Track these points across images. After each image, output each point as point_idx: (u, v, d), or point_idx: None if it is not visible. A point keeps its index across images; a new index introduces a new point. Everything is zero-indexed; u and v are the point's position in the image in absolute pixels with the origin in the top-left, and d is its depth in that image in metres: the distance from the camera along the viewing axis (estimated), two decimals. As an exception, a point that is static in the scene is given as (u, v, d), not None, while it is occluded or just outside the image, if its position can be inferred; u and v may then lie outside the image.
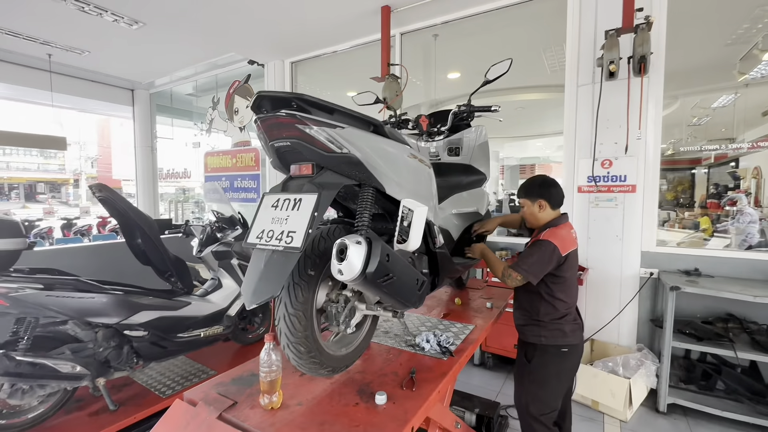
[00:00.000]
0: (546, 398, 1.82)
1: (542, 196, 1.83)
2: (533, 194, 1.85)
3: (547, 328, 1.80)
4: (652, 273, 2.96)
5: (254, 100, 1.04)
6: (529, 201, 1.86)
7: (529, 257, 1.74)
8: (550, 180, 1.88)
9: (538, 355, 1.82)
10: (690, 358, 2.91)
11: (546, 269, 1.72)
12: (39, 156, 24.97)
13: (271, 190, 1.12)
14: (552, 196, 1.83)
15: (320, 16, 3.92)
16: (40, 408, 2.03)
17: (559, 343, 1.80)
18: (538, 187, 1.86)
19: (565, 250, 1.73)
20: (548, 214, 1.84)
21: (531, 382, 1.84)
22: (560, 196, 1.85)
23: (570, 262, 1.78)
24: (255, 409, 1.14)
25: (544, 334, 1.80)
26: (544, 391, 1.82)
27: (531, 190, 1.86)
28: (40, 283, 1.93)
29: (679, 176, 8.24)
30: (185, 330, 2.45)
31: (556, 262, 1.72)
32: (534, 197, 1.85)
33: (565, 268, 1.76)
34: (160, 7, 3.78)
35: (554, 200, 1.83)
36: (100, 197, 2.32)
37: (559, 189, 1.85)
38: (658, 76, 2.87)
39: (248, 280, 1.00)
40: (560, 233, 1.76)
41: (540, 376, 1.82)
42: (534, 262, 1.72)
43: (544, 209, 1.83)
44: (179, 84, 6.56)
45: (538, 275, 1.73)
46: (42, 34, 4.58)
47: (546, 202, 1.83)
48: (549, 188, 1.84)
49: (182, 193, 9.28)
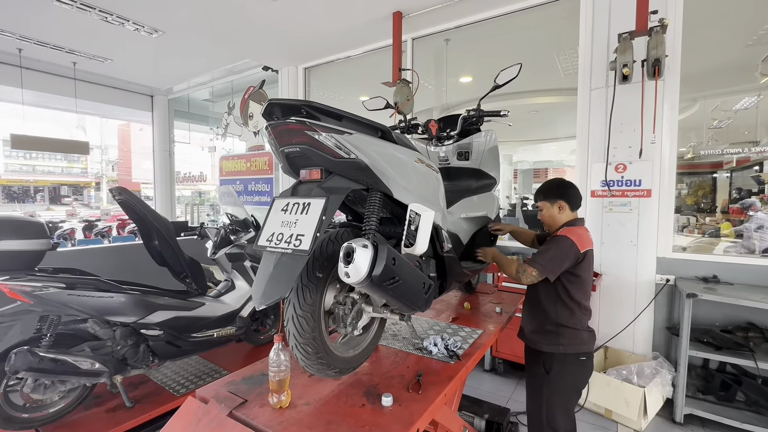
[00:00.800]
0: (569, 409, 1.78)
1: (562, 197, 1.82)
2: (552, 195, 1.84)
3: (565, 335, 1.74)
4: (668, 280, 2.89)
5: (265, 107, 1.08)
6: (548, 203, 1.85)
7: (546, 252, 1.71)
8: (568, 182, 1.88)
9: (557, 365, 1.75)
10: (708, 368, 2.83)
11: (563, 265, 1.68)
12: (63, 160, 25.88)
13: (281, 194, 1.15)
14: (571, 197, 1.82)
15: (333, 23, 3.99)
16: (61, 403, 2.11)
17: (577, 351, 1.75)
18: (556, 188, 1.85)
19: (584, 247, 1.70)
20: (567, 216, 1.83)
21: (552, 394, 1.77)
22: (579, 198, 1.85)
23: (587, 262, 1.74)
24: (264, 407, 1.16)
25: (563, 342, 1.74)
26: (565, 402, 1.77)
27: (550, 192, 1.86)
28: (62, 282, 2.01)
29: (699, 180, 8.02)
30: (199, 330, 2.51)
31: (574, 258, 1.68)
32: (553, 198, 1.84)
33: (582, 267, 1.72)
34: (179, 16, 3.90)
35: (573, 201, 1.83)
36: (119, 200, 2.41)
37: (577, 191, 1.85)
38: (673, 79, 2.82)
39: (258, 282, 1.03)
40: (577, 231, 1.74)
41: (561, 387, 1.76)
42: (551, 256, 1.68)
43: (563, 210, 1.82)
44: (196, 90, 6.74)
45: (555, 271, 1.68)
46: (68, 43, 4.78)
47: (566, 203, 1.82)
48: (568, 189, 1.84)
49: (198, 196, 9.48)
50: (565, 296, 1.74)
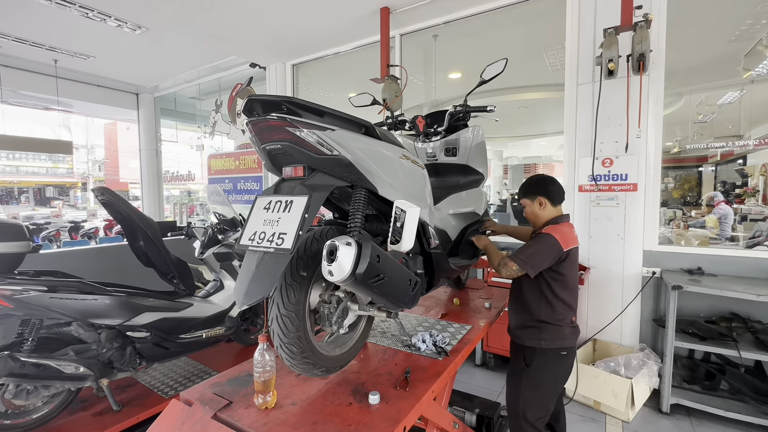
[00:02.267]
0: (544, 402, 1.80)
1: (541, 193, 1.82)
2: (532, 192, 1.84)
3: (547, 330, 1.76)
4: (654, 272, 2.93)
5: (245, 104, 1.06)
6: (529, 200, 1.86)
7: (529, 248, 1.72)
8: (548, 177, 1.87)
9: (538, 359, 1.77)
10: (693, 358, 2.88)
11: (545, 262, 1.69)
12: (48, 160, 25.31)
13: (263, 192, 1.14)
14: (551, 192, 1.82)
15: (320, 19, 3.95)
16: (45, 408, 2.06)
17: (558, 347, 1.76)
18: (536, 185, 1.86)
19: (567, 245, 1.70)
20: (549, 212, 1.83)
21: (528, 387, 1.80)
22: (560, 193, 1.84)
23: (571, 260, 1.74)
24: (249, 408, 1.15)
25: (545, 337, 1.76)
26: (542, 396, 1.79)
27: (530, 189, 1.86)
28: (44, 285, 1.96)
29: (685, 174, 8.15)
30: (187, 331, 2.48)
31: (557, 256, 1.69)
32: (533, 195, 1.84)
33: (566, 265, 1.73)
34: (163, 12, 3.82)
35: (554, 196, 1.82)
36: (102, 200, 2.36)
37: (558, 185, 1.84)
38: (658, 73, 2.84)
39: (240, 282, 1.02)
40: (562, 229, 1.74)
41: (539, 381, 1.79)
42: (533, 253, 1.69)
43: (544, 206, 1.82)
44: (183, 87, 6.64)
45: (535, 267, 1.69)
46: (48, 40, 4.66)
47: (546, 199, 1.81)
48: (547, 185, 1.83)
49: (187, 195, 9.35)
50: (548, 293, 1.75)
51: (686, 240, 3.49)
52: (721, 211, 4.17)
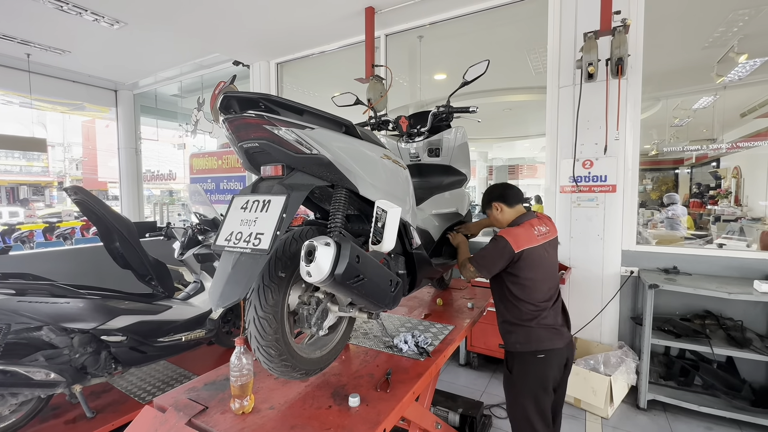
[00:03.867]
0: (539, 409, 1.72)
1: (495, 199, 1.87)
2: (488, 201, 1.91)
3: (518, 333, 1.74)
4: (632, 271, 3.00)
5: (221, 101, 1.03)
6: (489, 209, 1.91)
7: (483, 250, 1.75)
8: (500, 184, 1.94)
9: (518, 364, 1.75)
10: (669, 355, 2.96)
11: (497, 264, 1.70)
12: (21, 158, 24.36)
13: (241, 192, 1.11)
14: (503, 197, 1.86)
15: (305, 18, 3.91)
16: (12, 417, 1.97)
17: (534, 349, 1.71)
18: (488, 195, 1.92)
19: (519, 246, 1.67)
20: (508, 214, 1.86)
21: (518, 395, 1.76)
22: (512, 194, 1.86)
23: (526, 260, 1.69)
24: (225, 414, 1.12)
25: (519, 340, 1.74)
26: (534, 402, 1.72)
27: (485, 200, 1.93)
28: (11, 288, 1.88)
29: (663, 176, 8.38)
30: (166, 334, 2.42)
31: (509, 258, 1.68)
32: (488, 204, 1.90)
33: (521, 266, 1.69)
34: (141, 6, 3.72)
35: (507, 199, 1.86)
36: (75, 200, 2.28)
37: (510, 189, 1.88)
38: (636, 77, 2.92)
39: (216, 283, 0.99)
40: (515, 231, 1.74)
41: (525, 387, 1.74)
42: (484, 254, 1.73)
43: (501, 210, 1.86)
44: (164, 85, 6.48)
45: (489, 269, 1.71)
46: (20, 33, 4.47)
47: (500, 203, 1.86)
48: (499, 189, 1.90)
49: (169, 195, 9.14)
50: (509, 295, 1.75)
51: (662, 240, 3.60)
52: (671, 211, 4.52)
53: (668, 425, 2.56)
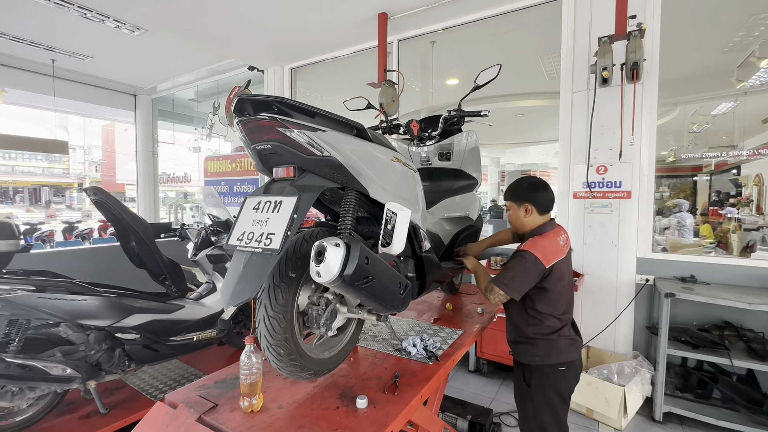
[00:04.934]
0: (560, 420, 1.68)
1: (529, 200, 1.69)
2: (519, 197, 1.71)
3: (539, 346, 1.65)
4: (647, 279, 2.94)
5: (235, 103, 1.06)
6: (515, 204, 1.72)
7: (509, 270, 1.60)
8: (540, 182, 1.72)
9: (536, 378, 1.67)
10: (686, 366, 2.88)
11: (527, 283, 1.59)
12: (44, 160, 25.19)
13: (253, 193, 1.13)
14: (539, 201, 1.68)
15: (319, 23, 3.97)
16: (30, 411, 2.03)
17: (554, 362, 1.64)
18: (525, 188, 1.71)
19: (549, 261, 1.58)
20: (534, 220, 1.70)
21: (538, 409, 1.68)
22: (549, 201, 1.70)
23: (556, 273, 1.61)
24: (235, 412, 1.13)
25: (538, 353, 1.65)
26: (553, 415, 1.67)
27: (518, 192, 1.72)
28: (32, 284, 1.94)
29: (680, 183, 8.20)
30: (178, 333, 2.46)
31: (539, 275, 1.58)
32: (520, 200, 1.71)
33: (550, 280, 1.61)
34: (161, 14, 3.83)
35: (541, 205, 1.69)
36: (94, 200, 2.35)
37: (548, 193, 1.70)
38: (651, 82, 2.87)
39: (227, 282, 1.01)
40: (542, 243, 1.61)
41: (545, 401, 1.67)
42: (514, 275, 1.58)
43: (530, 214, 1.69)
44: (181, 89, 6.64)
45: (519, 290, 1.59)
46: (45, 40, 4.66)
47: (533, 207, 1.68)
48: (537, 191, 1.69)
49: (183, 197, 9.32)
50: (532, 310, 1.66)
51: (680, 247, 3.51)
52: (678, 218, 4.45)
53: (685, 439, 2.49)
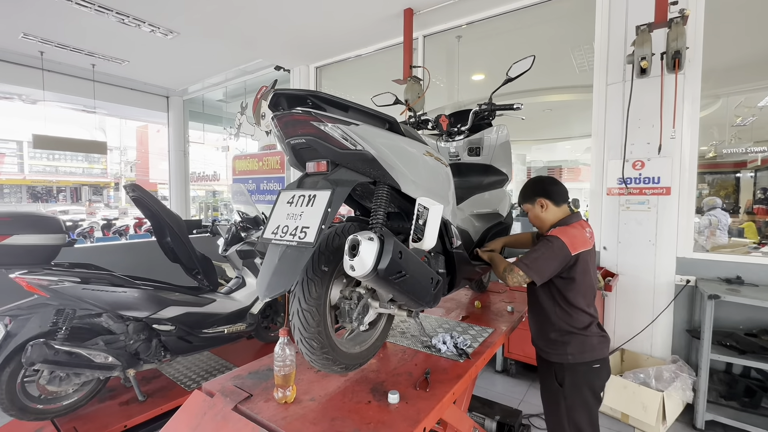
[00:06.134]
0: (593, 419, 1.64)
1: (540, 194, 1.68)
2: (531, 195, 1.72)
3: (572, 343, 1.60)
4: (688, 281, 2.79)
5: (271, 98, 1.07)
6: (529, 204, 1.72)
7: (533, 252, 1.56)
8: (546, 178, 1.75)
9: (569, 376, 1.62)
10: (731, 373, 2.71)
11: (552, 267, 1.53)
12: (84, 161, 26.66)
13: (287, 187, 1.14)
14: (550, 193, 1.67)
15: (344, 22, 3.99)
16: (75, 396, 2.15)
17: (588, 360, 1.60)
18: (532, 186, 1.74)
19: (576, 249, 1.54)
20: (553, 213, 1.67)
21: (572, 409, 1.63)
22: (561, 191, 1.69)
23: (582, 264, 1.57)
24: (269, 402, 1.15)
25: (571, 351, 1.60)
26: (588, 413, 1.63)
27: (527, 192, 1.74)
28: (77, 276, 2.04)
29: (721, 180, 7.74)
30: (210, 326, 2.53)
31: (564, 260, 1.53)
32: (532, 198, 1.71)
33: (577, 270, 1.57)
34: (193, 17, 3.96)
35: (555, 196, 1.67)
36: (133, 197, 2.45)
37: (557, 186, 1.70)
38: (694, 72, 2.71)
39: (263, 274, 1.02)
40: (571, 231, 1.58)
41: (579, 400, 1.62)
42: (538, 257, 1.53)
43: (546, 208, 1.67)
44: (210, 90, 6.85)
45: (542, 273, 1.53)
46: (87, 46, 4.91)
47: (546, 200, 1.67)
48: (545, 185, 1.71)
49: (212, 195, 9.60)
50: (562, 301, 1.61)
51: (721, 248, 3.32)
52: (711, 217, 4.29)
53: (730, 449, 2.35)
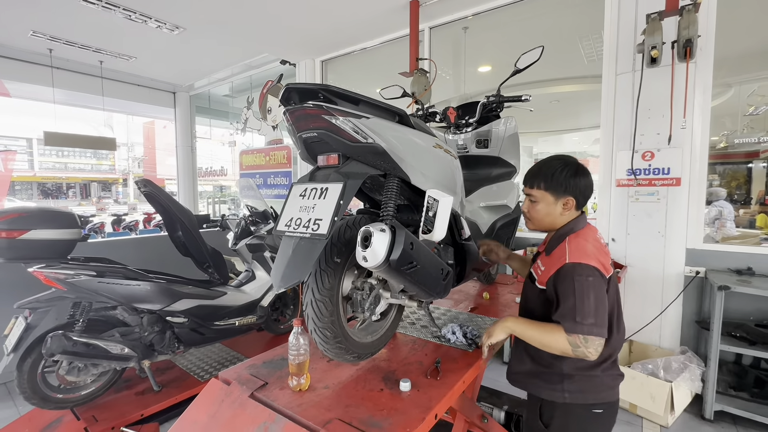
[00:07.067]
0: None
1: (571, 191, 1.26)
2: (559, 186, 1.26)
3: (574, 380, 1.21)
4: (698, 272, 2.77)
5: (282, 92, 1.08)
6: (552, 195, 1.27)
7: (583, 301, 1.11)
8: (580, 166, 1.28)
9: (560, 418, 1.25)
10: (741, 364, 2.71)
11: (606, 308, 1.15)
12: (92, 157, 26.97)
13: (299, 180, 1.16)
14: (584, 192, 1.28)
15: (349, 14, 3.97)
16: (93, 386, 2.22)
17: (590, 401, 1.22)
18: (566, 175, 1.25)
19: (608, 270, 1.20)
20: (570, 216, 1.30)
21: None
22: (591, 191, 1.30)
23: (612, 287, 1.22)
24: (284, 390, 1.18)
25: (569, 389, 1.22)
26: None
27: (559, 180, 1.25)
28: (93, 270, 2.09)
29: (732, 170, 7.62)
30: (221, 318, 2.58)
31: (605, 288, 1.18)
32: (561, 191, 1.26)
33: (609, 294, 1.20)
34: (199, 12, 3.97)
35: (585, 197, 1.29)
36: (144, 192, 2.49)
37: (590, 179, 1.29)
38: (706, 61, 2.67)
39: (277, 266, 1.05)
40: (592, 249, 1.19)
41: None
42: (596, 306, 1.11)
43: (569, 210, 1.28)
44: (216, 86, 6.87)
45: (605, 322, 1.13)
46: (94, 42, 4.94)
47: (574, 201, 1.27)
48: (581, 178, 1.26)
49: (219, 190, 9.68)
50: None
51: (731, 239, 3.29)
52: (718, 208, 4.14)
53: (739, 439, 2.36)
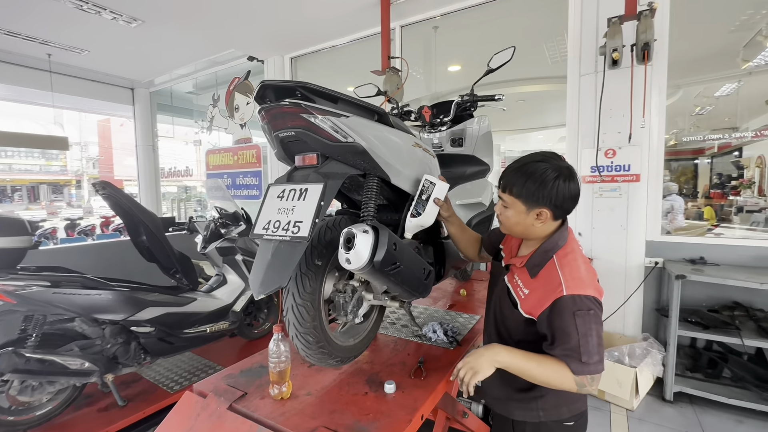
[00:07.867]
0: None
1: (546, 203, 1.05)
2: (532, 197, 1.05)
3: (547, 397, 1.14)
4: (657, 262, 2.95)
5: (257, 89, 1.04)
6: (524, 204, 1.07)
7: (590, 339, 0.99)
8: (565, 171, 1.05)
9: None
10: (696, 347, 2.91)
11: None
12: (41, 158, 25.04)
13: (276, 181, 1.12)
14: (563, 204, 1.06)
15: (319, 10, 3.90)
16: (49, 405, 2.05)
17: (564, 417, 1.16)
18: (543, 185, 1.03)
19: (602, 292, 1.08)
20: (548, 228, 1.12)
21: None
22: (574, 201, 1.09)
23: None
24: (265, 399, 1.14)
25: (543, 406, 1.15)
26: None
27: (529, 189, 1.05)
28: (46, 280, 1.94)
29: (682, 166, 8.18)
30: (191, 326, 2.46)
31: None
32: (531, 201, 1.06)
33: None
34: (158, 4, 3.76)
35: (563, 209, 1.09)
36: (103, 194, 2.33)
37: (575, 186, 1.07)
38: (661, 63, 2.84)
39: (256, 271, 1.00)
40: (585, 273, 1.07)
41: None
42: (597, 343, 1.01)
43: (543, 222, 1.08)
44: (179, 82, 6.55)
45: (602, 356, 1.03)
46: (41, 34, 4.56)
47: (549, 212, 1.07)
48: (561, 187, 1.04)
49: (184, 191, 9.28)
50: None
51: (682, 230, 3.52)
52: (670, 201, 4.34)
53: (696, 417, 2.52)
